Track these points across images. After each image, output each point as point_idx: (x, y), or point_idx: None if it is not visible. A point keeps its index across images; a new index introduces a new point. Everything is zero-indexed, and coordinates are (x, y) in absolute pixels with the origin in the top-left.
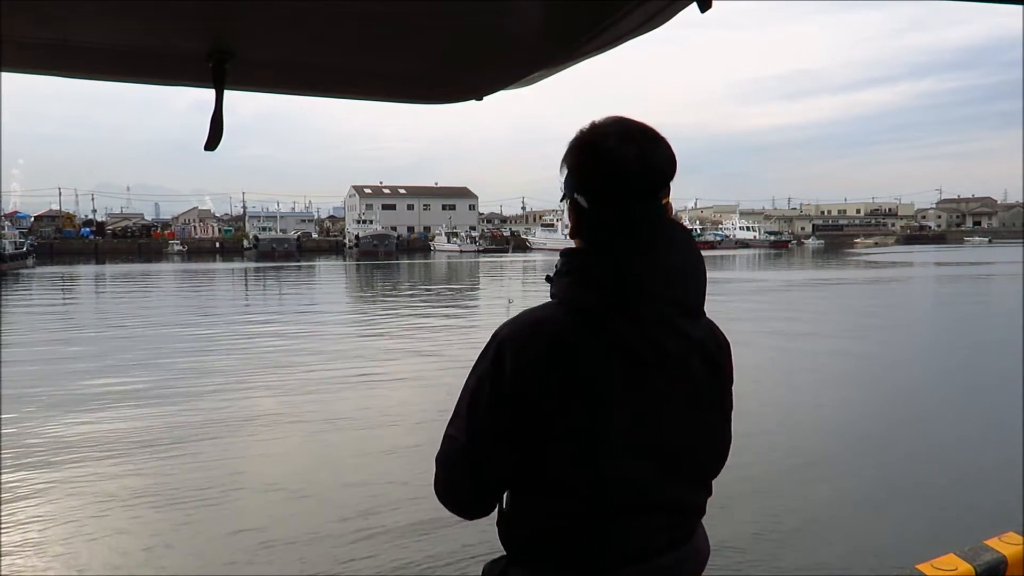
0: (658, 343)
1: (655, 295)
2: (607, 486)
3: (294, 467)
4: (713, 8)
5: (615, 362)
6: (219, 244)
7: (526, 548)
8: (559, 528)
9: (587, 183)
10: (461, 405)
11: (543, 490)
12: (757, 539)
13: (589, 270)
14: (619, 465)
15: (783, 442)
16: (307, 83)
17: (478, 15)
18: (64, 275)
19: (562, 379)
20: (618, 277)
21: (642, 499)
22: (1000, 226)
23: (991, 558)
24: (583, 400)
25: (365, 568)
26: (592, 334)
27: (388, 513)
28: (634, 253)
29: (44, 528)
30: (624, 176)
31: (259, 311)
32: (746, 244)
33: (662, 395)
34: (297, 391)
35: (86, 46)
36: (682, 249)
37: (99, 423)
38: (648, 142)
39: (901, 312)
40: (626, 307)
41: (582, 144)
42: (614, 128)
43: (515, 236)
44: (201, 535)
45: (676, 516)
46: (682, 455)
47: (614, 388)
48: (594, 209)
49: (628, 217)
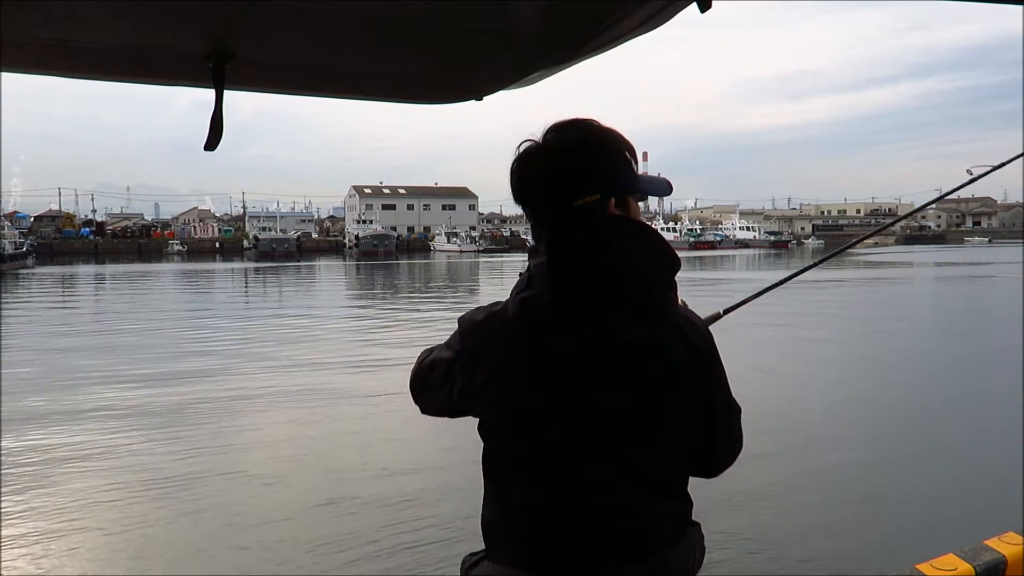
0: (581, 342)
1: (582, 295)
2: (539, 481)
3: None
4: (713, 8)
5: (539, 359)
6: (219, 244)
7: (494, 538)
8: (508, 521)
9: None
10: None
11: (491, 480)
12: (757, 539)
13: (530, 271)
14: (550, 462)
15: (783, 442)
16: (307, 83)
17: (478, 15)
18: (64, 275)
19: (492, 370)
20: (549, 277)
21: (585, 500)
22: (1000, 226)
23: (991, 558)
24: (503, 391)
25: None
26: (522, 331)
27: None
28: (565, 253)
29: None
30: (514, 187)
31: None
32: (746, 244)
33: (590, 393)
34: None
35: (86, 46)
36: (626, 250)
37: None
38: (528, 154)
39: (901, 312)
40: (554, 306)
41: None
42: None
43: (515, 236)
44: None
45: (632, 523)
46: (631, 458)
47: (529, 383)
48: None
49: (538, 220)
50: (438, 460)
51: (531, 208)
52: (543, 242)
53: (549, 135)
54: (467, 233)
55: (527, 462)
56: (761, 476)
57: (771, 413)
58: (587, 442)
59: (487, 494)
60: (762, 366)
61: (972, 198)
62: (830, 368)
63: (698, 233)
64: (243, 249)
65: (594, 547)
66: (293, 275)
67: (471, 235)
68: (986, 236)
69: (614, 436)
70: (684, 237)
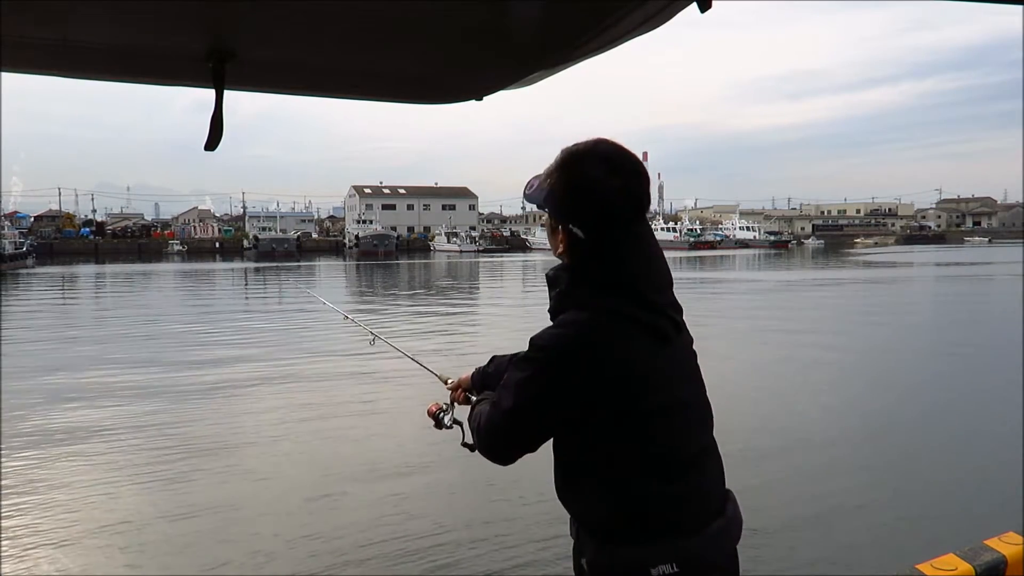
0: (674, 321)
1: (657, 285)
2: (674, 447)
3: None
4: (713, 8)
5: (648, 345)
6: (219, 244)
7: (612, 525)
8: (643, 499)
9: (581, 216)
10: (508, 394)
11: (619, 469)
12: (757, 539)
13: (606, 280)
14: (675, 428)
15: (783, 442)
16: (307, 83)
17: (478, 15)
18: (64, 275)
19: (609, 370)
20: (629, 280)
21: (699, 451)
22: (1000, 226)
23: (991, 558)
24: (633, 383)
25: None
26: (625, 328)
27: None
28: (636, 259)
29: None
30: (614, 211)
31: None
32: (746, 244)
33: (683, 362)
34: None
35: (86, 46)
36: (656, 242)
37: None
38: (630, 176)
39: (900, 312)
40: (643, 299)
41: (570, 175)
42: (599, 159)
43: (515, 236)
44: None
45: (715, 458)
46: (704, 411)
47: (651, 367)
48: (590, 238)
49: (624, 237)
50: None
51: (616, 226)
52: (621, 254)
53: (616, 153)
54: (467, 233)
55: (646, 433)
56: (761, 476)
57: (769, 413)
58: (685, 401)
59: (588, 486)
60: (762, 366)
61: (972, 198)
62: (828, 368)
63: (698, 233)
64: (243, 249)
65: (713, 488)
66: (293, 275)
67: (471, 235)
68: (986, 236)
69: (693, 393)
70: (684, 237)
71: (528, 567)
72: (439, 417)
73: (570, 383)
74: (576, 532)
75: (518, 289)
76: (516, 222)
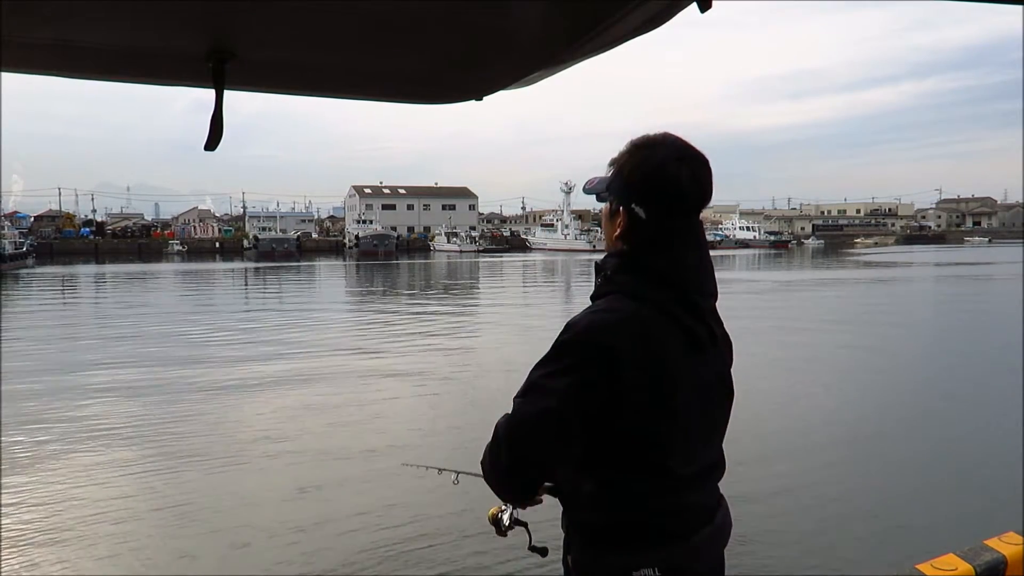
0: (711, 330)
1: (703, 290)
2: (683, 459)
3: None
4: (713, 8)
5: (683, 349)
6: (219, 244)
7: (600, 526)
8: (638, 503)
9: (646, 197)
10: (539, 389)
11: (621, 470)
12: (757, 539)
13: (657, 269)
14: (689, 440)
15: (783, 442)
16: (307, 83)
17: (478, 15)
18: (64, 275)
19: (646, 364)
20: (679, 276)
21: (705, 467)
22: (1000, 226)
23: (991, 558)
24: (663, 383)
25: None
26: (667, 327)
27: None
28: (689, 256)
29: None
30: (681, 194)
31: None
32: (746, 244)
33: (711, 375)
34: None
35: (86, 46)
36: (707, 246)
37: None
38: (699, 165)
39: (900, 312)
40: (688, 300)
41: (641, 159)
42: (670, 147)
43: (515, 236)
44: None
45: (718, 476)
46: (720, 428)
47: (682, 373)
48: (652, 220)
49: (684, 227)
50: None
51: (682, 213)
52: (678, 245)
53: (683, 144)
54: (467, 233)
55: (666, 439)
56: (760, 476)
57: (769, 414)
58: (707, 414)
59: (590, 486)
60: (761, 366)
61: (972, 198)
62: (828, 369)
63: None
64: (243, 249)
65: (708, 501)
66: (293, 275)
67: (471, 235)
68: (986, 236)
69: (718, 407)
70: None
71: (531, 569)
72: (498, 518)
73: (609, 372)
74: (566, 526)
75: (518, 289)
76: (516, 222)
